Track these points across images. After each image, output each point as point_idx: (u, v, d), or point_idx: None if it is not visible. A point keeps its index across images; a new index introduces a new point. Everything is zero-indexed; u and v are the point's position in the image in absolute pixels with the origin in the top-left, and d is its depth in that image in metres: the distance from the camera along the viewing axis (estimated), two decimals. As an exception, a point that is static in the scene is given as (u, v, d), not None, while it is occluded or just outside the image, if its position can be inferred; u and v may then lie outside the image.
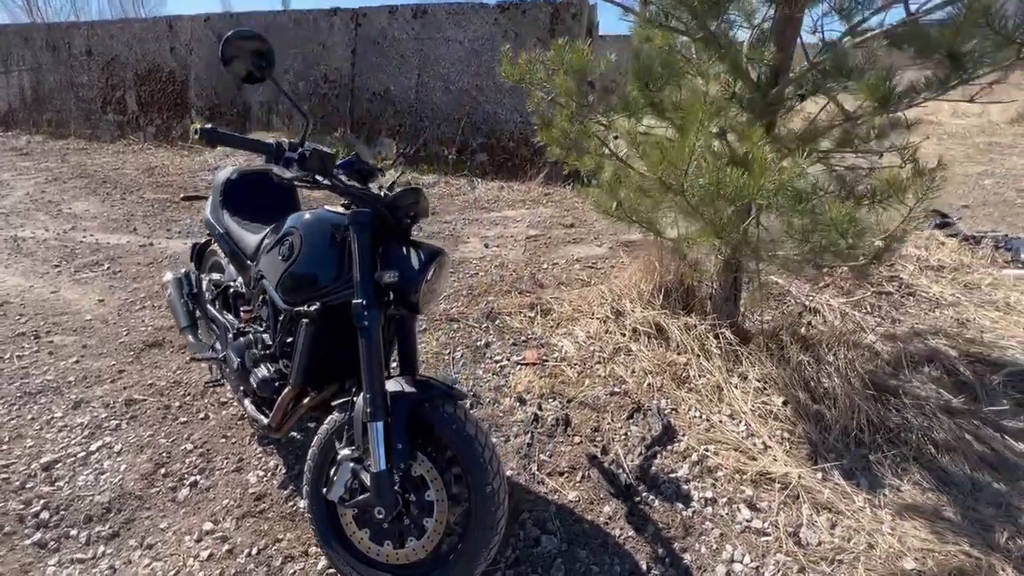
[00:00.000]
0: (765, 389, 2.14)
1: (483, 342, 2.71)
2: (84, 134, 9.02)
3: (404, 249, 1.42)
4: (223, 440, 2.06)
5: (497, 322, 2.88)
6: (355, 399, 1.39)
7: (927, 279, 3.28)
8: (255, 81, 1.23)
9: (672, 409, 2.15)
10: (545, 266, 3.82)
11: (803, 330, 2.21)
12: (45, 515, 1.70)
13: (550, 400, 2.22)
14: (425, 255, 1.41)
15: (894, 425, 1.97)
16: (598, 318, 2.71)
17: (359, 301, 1.33)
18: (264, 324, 1.75)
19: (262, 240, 1.79)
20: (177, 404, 2.29)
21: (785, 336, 2.22)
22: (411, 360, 1.55)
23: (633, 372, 2.35)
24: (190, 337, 2.14)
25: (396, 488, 1.35)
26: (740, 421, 2.05)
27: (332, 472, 1.42)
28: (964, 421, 2.00)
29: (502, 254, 4.13)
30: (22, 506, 1.73)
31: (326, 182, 1.33)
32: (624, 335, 2.55)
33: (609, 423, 2.08)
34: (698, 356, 2.31)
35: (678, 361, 2.33)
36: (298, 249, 1.52)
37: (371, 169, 1.55)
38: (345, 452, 1.38)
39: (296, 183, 1.30)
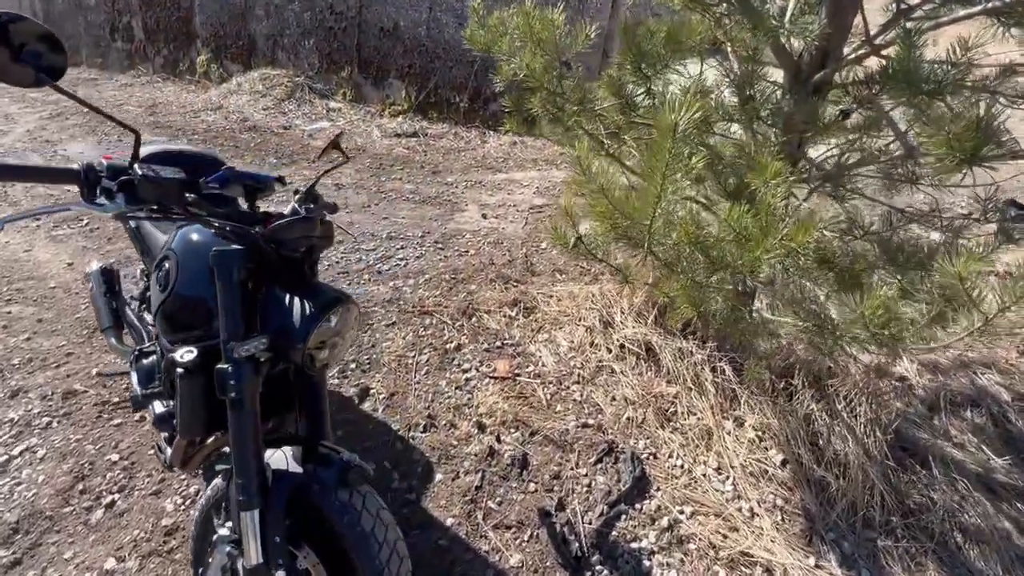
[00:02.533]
0: (762, 441, 1.82)
1: (454, 344, 2.43)
2: (95, 63, 8.74)
3: (290, 296, 1.11)
4: (151, 452, 1.90)
5: (474, 320, 2.59)
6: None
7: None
8: (42, 84, 0.89)
9: (650, 454, 1.85)
10: (544, 246, 3.45)
11: (825, 369, 1.84)
12: (-52, 535, 1.59)
13: (512, 430, 1.95)
14: (318, 305, 1.11)
15: (915, 504, 1.63)
16: (585, 325, 2.38)
17: (223, 367, 1.05)
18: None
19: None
20: (116, 399, 2.13)
21: (799, 378, 1.85)
22: (317, 423, 1.28)
23: (613, 400, 2.05)
24: (112, 340, 1.92)
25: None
26: (727, 478, 1.75)
27: (210, 551, 1.21)
28: (1005, 504, 1.64)
29: (500, 228, 3.76)
30: (-71, 520, 1.62)
31: (175, 211, 1.01)
32: (610, 351, 2.23)
33: (573, 468, 1.80)
34: (690, 389, 1.98)
35: (666, 393, 2.01)
36: (173, 278, 1.23)
37: (261, 182, 1.22)
38: (223, 532, 1.16)
39: (130, 218, 0.98)
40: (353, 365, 2.33)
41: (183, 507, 1.71)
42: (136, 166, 0.93)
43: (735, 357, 1.97)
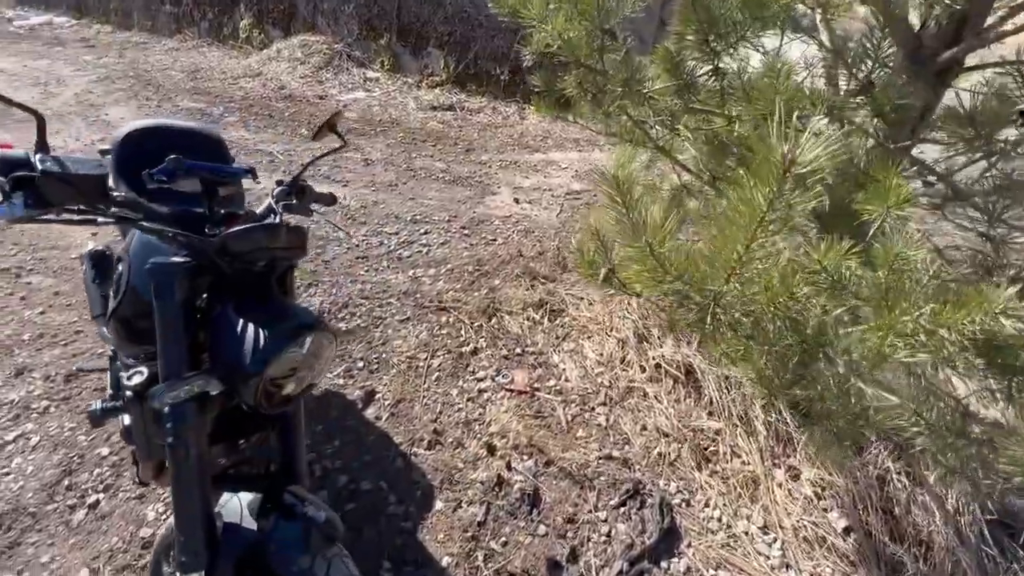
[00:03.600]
0: (822, 500, 1.52)
1: (471, 347, 2.21)
2: (145, 26, 8.82)
3: (247, 318, 0.90)
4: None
5: (494, 321, 2.36)
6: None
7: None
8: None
9: (683, 500, 1.60)
10: (579, 237, 3.15)
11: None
12: (-69, 523, 1.53)
13: (525, 456, 1.73)
14: (282, 329, 0.89)
15: (1015, 602, 1.31)
16: (617, 337, 2.11)
17: (158, 407, 0.86)
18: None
19: None
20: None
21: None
22: (288, 462, 1.09)
23: (643, 429, 1.79)
24: (103, 329, 1.80)
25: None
26: (775, 540, 1.48)
27: None
28: None
29: (532, 215, 3.49)
30: (-83, 504, 1.57)
31: (96, 214, 0.80)
32: (644, 370, 1.96)
33: (591, 511, 1.57)
34: (735, 426, 1.70)
35: (706, 427, 1.73)
36: (124, 284, 1.04)
37: (222, 176, 1.00)
38: None
39: (38, 221, 0.78)
40: (361, 364, 2.16)
41: (163, 516, 1.59)
42: (38, 158, 0.73)
43: (796, 395, 1.67)
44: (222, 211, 0.98)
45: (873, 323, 0.61)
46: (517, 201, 3.66)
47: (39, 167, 0.72)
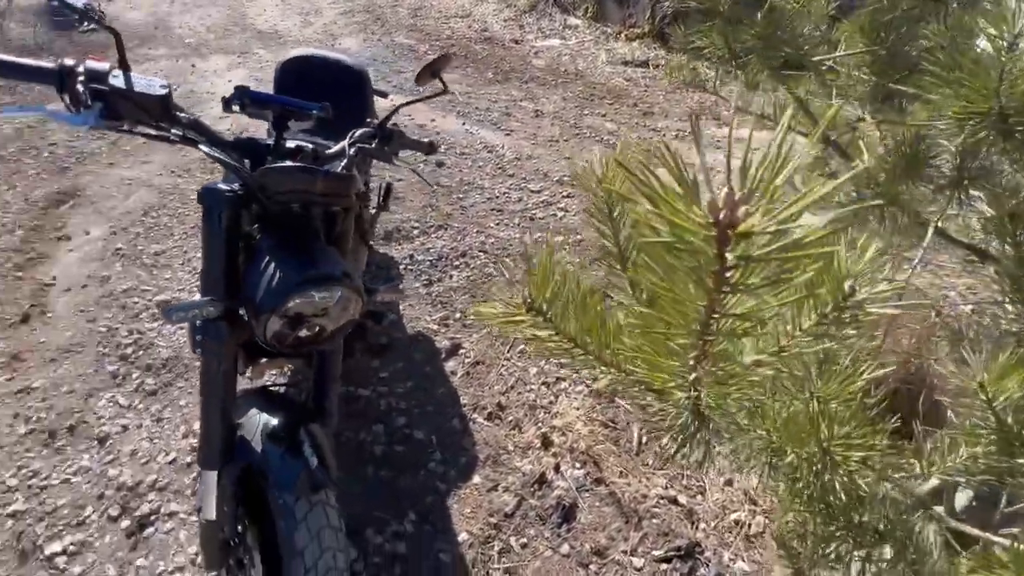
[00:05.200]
0: None
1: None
2: (393, -35, 9.77)
3: (278, 256, 0.90)
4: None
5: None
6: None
7: None
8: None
9: (746, 587, 1.28)
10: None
11: None
12: (128, 350, 2.01)
13: (578, 465, 1.57)
14: (302, 276, 0.88)
15: None
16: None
17: (171, 321, 0.92)
18: None
19: None
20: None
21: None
22: (319, 403, 1.12)
23: (727, 485, 1.47)
24: None
25: (221, 547, 1.07)
26: None
27: None
28: None
29: (692, 197, 3.04)
30: (126, 334, 2.08)
31: (159, 132, 0.85)
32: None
33: (626, 552, 1.36)
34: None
35: (811, 514, 1.34)
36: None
37: (291, 108, 0.99)
38: None
39: (105, 130, 0.85)
40: (458, 315, 2.18)
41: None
42: (112, 74, 0.79)
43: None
44: (289, 144, 0.98)
45: None
46: (681, 179, 3.23)
47: (110, 82, 0.78)
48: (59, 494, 1.49)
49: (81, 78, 0.79)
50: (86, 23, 0.83)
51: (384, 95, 2.03)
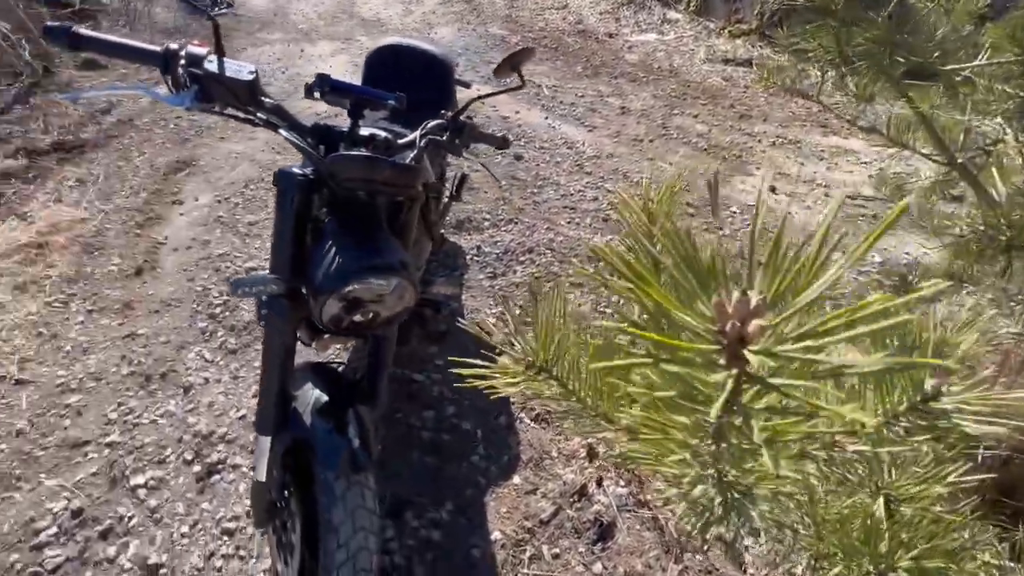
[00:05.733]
0: None
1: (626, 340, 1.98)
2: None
3: (341, 241, 0.93)
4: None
5: (667, 319, 2.04)
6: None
7: None
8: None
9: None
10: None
11: None
12: (217, 310, 2.20)
13: (622, 482, 1.51)
14: (360, 264, 0.90)
15: None
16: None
17: (235, 294, 0.98)
18: None
19: None
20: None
21: None
22: (370, 386, 1.16)
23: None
24: None
25: (268, 508, 1.14)
26: None
27: None
28: None
29: (785, 211, 2.80)
30: (217, 295, 2.28)
31: (245, 116, 0.90)
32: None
33: (662, 583, 1.29)
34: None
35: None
36: None
37: (366, 97, 1.00)
38: None
39: (199, 111, 0.90)
40: (518, 311, 2.16)
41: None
42: (208, 59, 0.84)
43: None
44: (364, 132, 1.00)
45: None
46: (774, 190, 2.99)
47: (205, 66, 0.84)
48: (147, 433, 1.66)
49: (182, 62, 0.86)
50: (217, 8, 0.89)
51: (467, 85, 2.04)
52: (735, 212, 2.79)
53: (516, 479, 1.56)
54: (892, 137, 0.88)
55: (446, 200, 1.88)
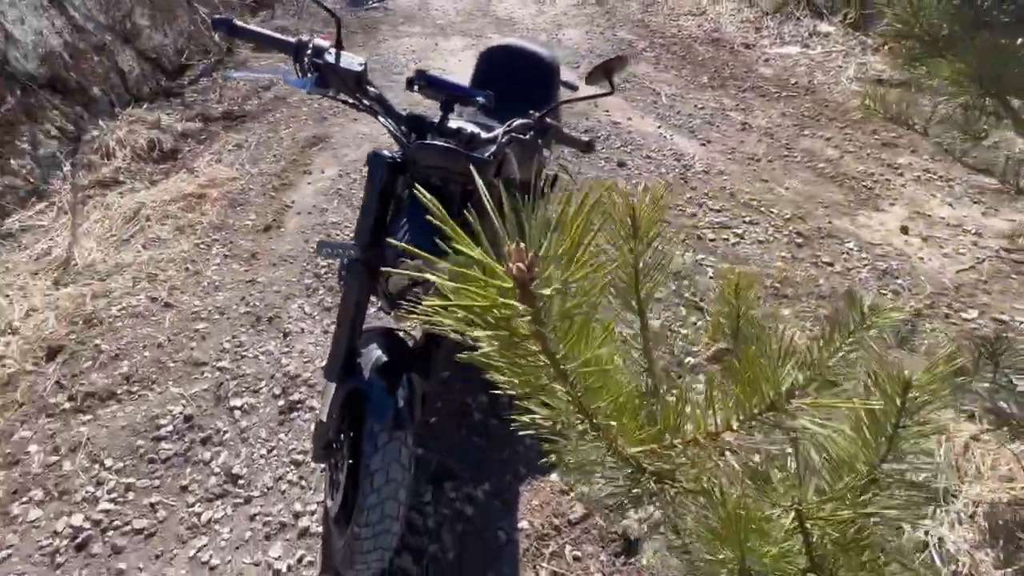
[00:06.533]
0: None
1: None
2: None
3: (405, 221, 1.03)
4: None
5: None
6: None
7: None
8: None
9: None
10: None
11: None
12: (322, 271, 2.48)
13: (656, 504, 1.46)
14: (411, 243, 0.99)
15: None
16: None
17: (320, 255, 1.11)
18: None
19: None
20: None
21: None
22: (427, 360, 1.26)
23: None
24: None
25: (325, 446, 1.29)
26: None
27: None
28: None
29: (917, 257, 2.48)
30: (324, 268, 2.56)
31: (351, 101, 1.02)
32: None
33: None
34: None
35: None
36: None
37: (457, 93, 1.08)
38: None
39: (317, 94, 1.04)
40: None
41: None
42: (328, 51, 0.97)
43: None
44: (452, 124, 1.08)
45: None
46: (906, 231, 2.65)
47: (324, 57, 0.97)
48: (249, 365, 1.94)
49: (309, 51, 1.01)
50: (371, 2, 1.04)
51: (574, 87, 2.08)
52: (852, 250, 2.52)
53: (554, 476, 1.59)
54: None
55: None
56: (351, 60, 1.01)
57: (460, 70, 4.69)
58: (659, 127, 3.69)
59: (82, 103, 3.37)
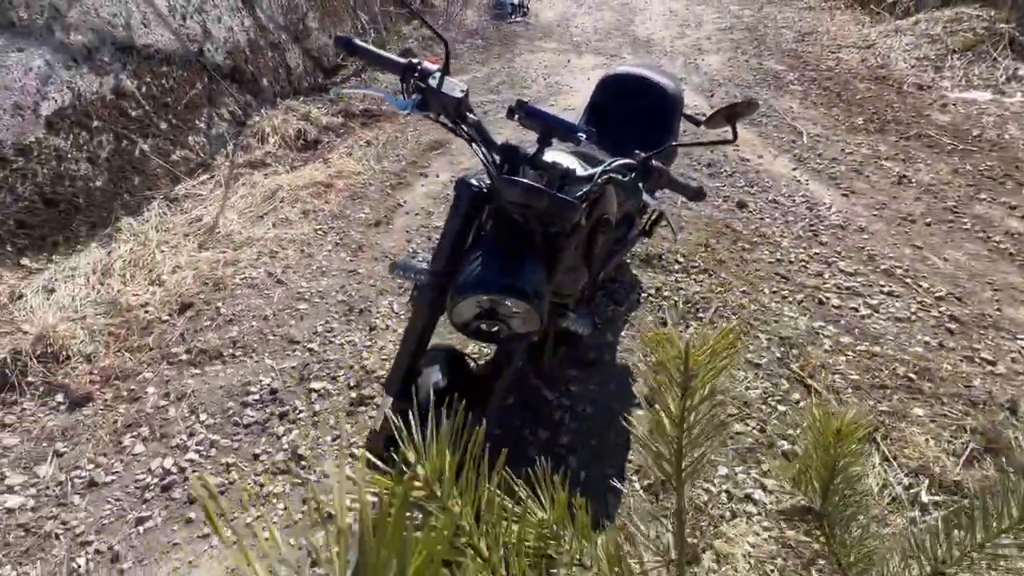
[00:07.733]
0: None
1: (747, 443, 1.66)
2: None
3: (483, 251, 0.99)
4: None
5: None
6: None
7: None
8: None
9: None
10: None
11: None
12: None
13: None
14: (481, 277, 0.95)
15: None
16: None
17: (391, 274, 1.12)
18: None
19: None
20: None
21: None
22: (486, 391, 1.22)
23: None
24: None
25: (376, 457, 1.30)
26: None
27: None
28: None
29: (1115, 371, 1.95)
30: (420, 259, 2.66)
31: (449, 125, 1.01)
32: None
33: None
34: None
35: None
36: None
37: (555, 126, 1.03)
38: None
39: (419, 115, 1.04)
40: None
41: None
42: (433, 75, 0.97)
43: None
44: (548, 158, 1.04)
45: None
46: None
47: (428, 81, 0.97)
48: (334, 351, 2.06)
49: (416, 73, 1.02)
50: (513, 16, 1.05)
51: (698, 123, 1.93)
52: (1016, 355, 2.05)
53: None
54: None
55: (635, 234, 1.83)
56: (453, 86, 1.01)
57: (587, 88, 4.66)
58: (794, 169, 3.34)
59: (252, 92, 3.87)
